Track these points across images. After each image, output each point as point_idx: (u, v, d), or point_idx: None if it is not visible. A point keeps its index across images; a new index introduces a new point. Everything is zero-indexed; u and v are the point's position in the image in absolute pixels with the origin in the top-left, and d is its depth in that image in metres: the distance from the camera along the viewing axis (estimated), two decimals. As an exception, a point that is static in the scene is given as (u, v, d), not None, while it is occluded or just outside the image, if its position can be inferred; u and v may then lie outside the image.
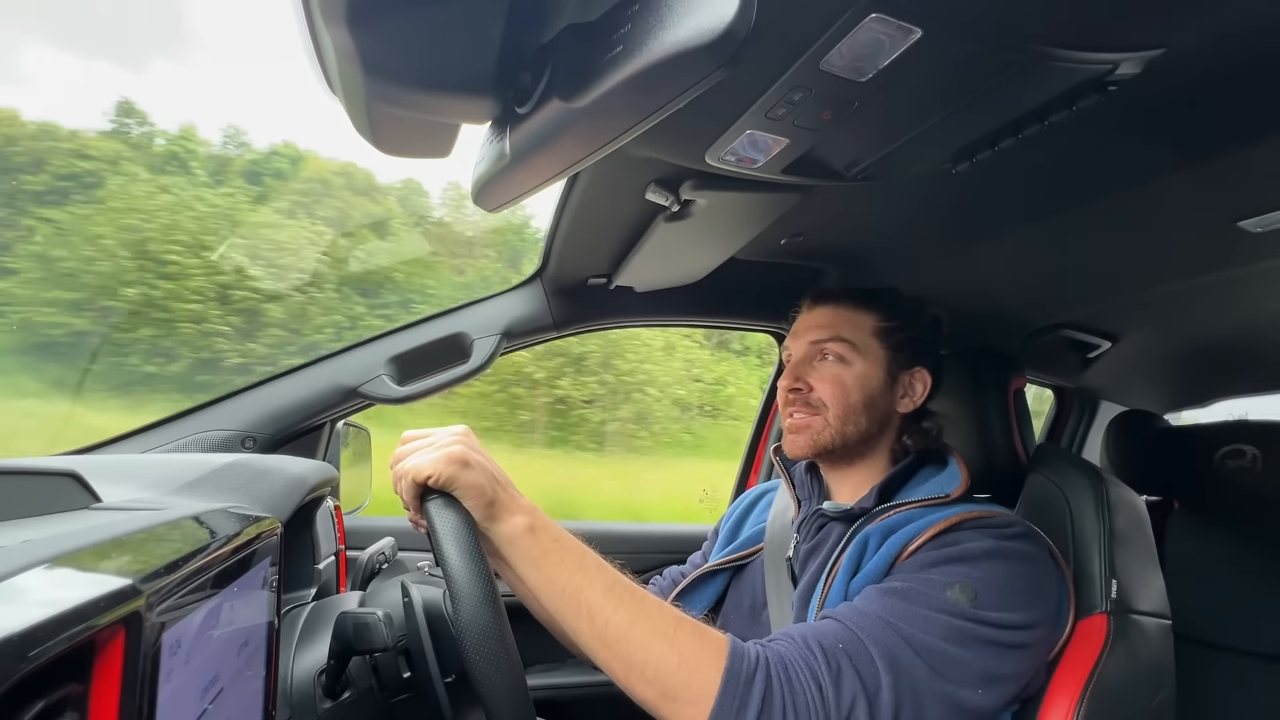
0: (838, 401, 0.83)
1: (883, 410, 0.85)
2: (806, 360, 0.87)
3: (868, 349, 0.85)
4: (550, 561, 0.61)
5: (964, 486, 0.79)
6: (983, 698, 0.62)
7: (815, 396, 0.85)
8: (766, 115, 0.61)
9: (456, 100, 0.44)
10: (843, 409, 0.83)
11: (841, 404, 0.83)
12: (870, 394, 0.84)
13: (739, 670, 0.57)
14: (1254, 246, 0.87)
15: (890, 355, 0.86)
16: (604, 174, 0.84)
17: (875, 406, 0.84)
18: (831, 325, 0.86)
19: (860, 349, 0.85)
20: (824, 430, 0.84)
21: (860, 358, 0.85)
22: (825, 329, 0.86)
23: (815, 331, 0.87)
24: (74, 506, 0.46)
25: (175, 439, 1.09)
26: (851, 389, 0.84)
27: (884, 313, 0.87)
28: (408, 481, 0.61)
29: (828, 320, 0.87)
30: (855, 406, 0.83)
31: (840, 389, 0.84)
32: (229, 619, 0.46)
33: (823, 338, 0.86)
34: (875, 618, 0.63)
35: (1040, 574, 0.71)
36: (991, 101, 0.59)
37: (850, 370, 0.84)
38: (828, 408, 0.84)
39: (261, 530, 0.53)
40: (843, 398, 0.83)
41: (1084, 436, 1.81)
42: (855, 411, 0.83)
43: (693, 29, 0.33)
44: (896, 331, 0.86)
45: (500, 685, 0.53)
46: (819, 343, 0.86)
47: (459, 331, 1.21)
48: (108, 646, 0.31)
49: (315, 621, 0.81)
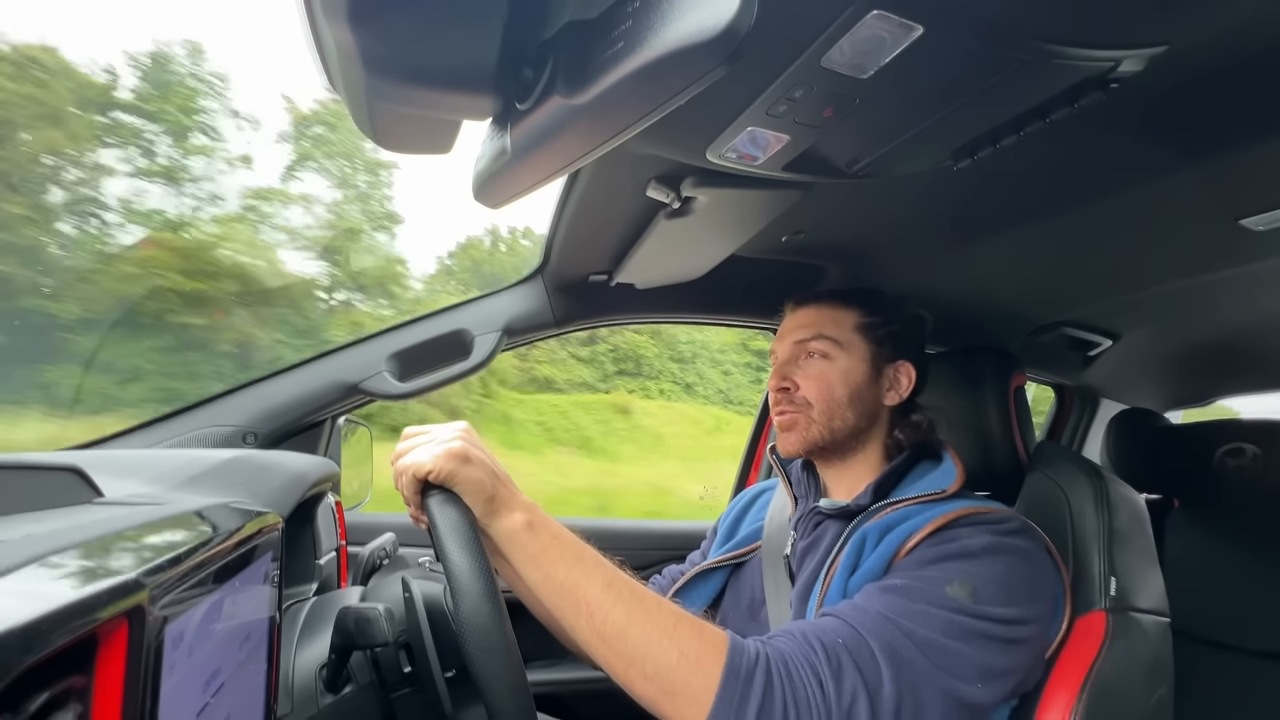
0: (823, 398, 0.85)
1: (870, 404, 0.86)
2: (792, 360, 0.89)
3: (851, 345, 0.86)
4: (549, 558, 0.61)
5: (959, 482, 0.79)
6: (982, 692, 0.62)
7: (801, 395, 0.86)
8: (767, 112, 0.61)
9: (457, 97, 0.44)
10: (828, 404, 0.85)
11: (827, 399, 0.85)
12: (855, 388, 0.85)
13: (739, 666, 0.57)
14: (1256, 244, 0.87)
15: (874, 349, 0.87)
16: (605, 171, 0.84)
17: (862, 400, 0.85)
18: (814, 324, 0.88)
19: (843, 345, 0.86)
20: (811, 426, 0.85)
21: (844, 353, 0.86)
22: (808, 328, 0.88)
23: (798, 331, 0.89)
24: (76, 501, 0.47)
25: (177, 434, 1.09)
26: (836, 384, 0.85)
27: (865, 309, 0.88)
28: (408, 477, 0.61)
29: (810, 320, 0.89)
30: (841, 401, 0.85)
31: (825, 385, 0.85)
32: (231, 613, 0.46)
33: (806, 337, 0.88)
34: (875, 614, 0.63)
35: (1037, 569, 0.71)
36: (993, 99, 0.59)
37: (834, 366, 0.86)
38: (813, 405, 0.85)
39: (263, 525, 0.53)
40: (828, 393, 0.85)
41: (1084, 434, 1.81)
42: (841, 406, 0.85)
43: (694, 25, 0.33)
44: (878, 326, 0.87)
45: (501, 680, 0.54)
46: (802, 342, 0.88)
47: (460, 328, 1.21)
48: (111, 640, 0.31)
49: (316, 616, 0.81)
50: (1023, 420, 0.99)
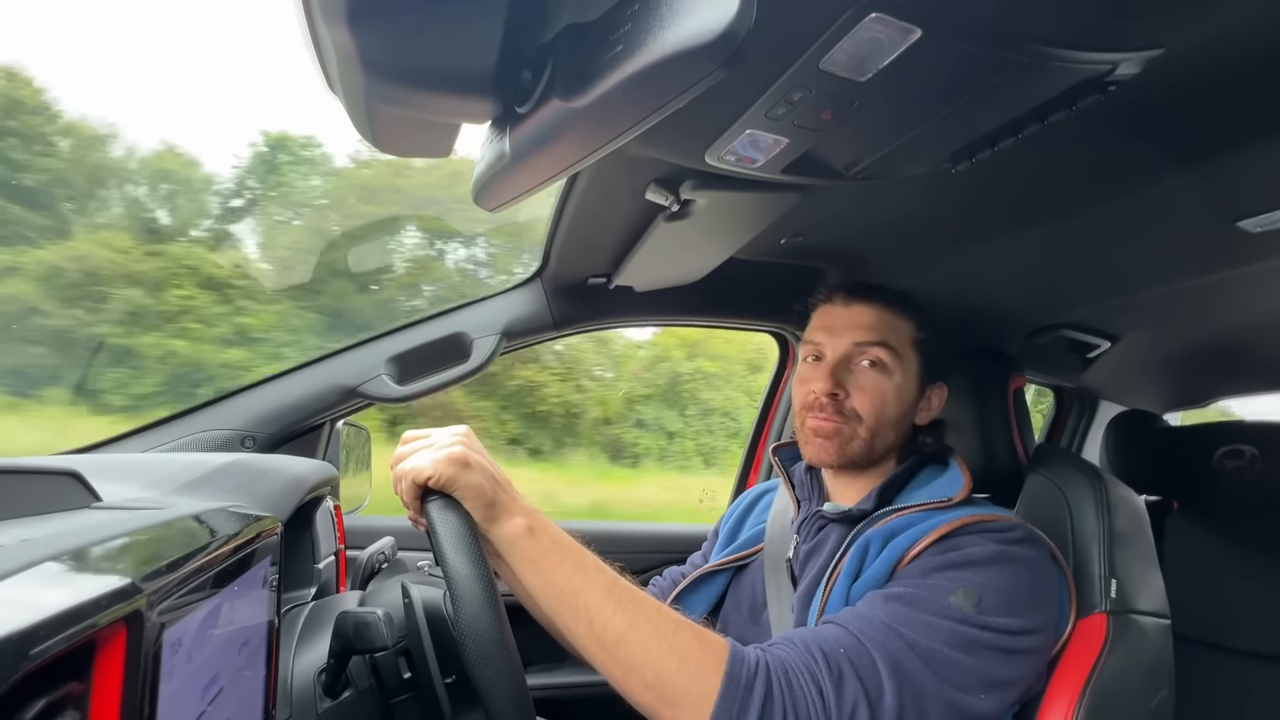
0: (874, 414, 0.79)
1: (907, 424, 0.83)
2: (845, 363, 0.81)
3: (907, 360, 0.81)
4: (549, 563, 0.61)
5: (966, 489, 0.78)
6: (985, 703, 0.62)
7: (850, 406, 0.79)
8: (766, 115, 0.61)
9: (456, 100, 0.45)
10: (877, 422, 0.79)
11: (877, 417, 0.79)
12: (904, 408, 0.81)
13: (739, 674, 0.57)
14: (1253, 246, 0.87)
15: (923, 369, 0.83)
16: (604, 174, 0.84)
17: (904, 420, 0.82)
18: (878, 328, 0.81)
19: (902, 359, 0.80)
20: (853, 441, 0.79)
21: (901, 369, 0.80)
22: (871, 331, 0.81)
23: (860, 332, 0.81)
24: (74, 506, 0.46)
25: (175, 438, 1.09)
26: (890, 401, 0.79)
27: (920, 321, 0.84)
28: (408, 482, 0.61)
29: (873, 321, 0.81)
30: (890, 420, 0.80)
31: (880, 401, 0.79)
32: (229, 618, 0.46)
33: (869, 340, 0.80)
34: (878, 623, 0.63)
35: (1043, 578, 0.70)
36: (991, 101, 0.59)
37: (891, 382, 0.80)
38: (862, 420, 0.79)
39: (261, 530, 0.53)
40: (880, 410, 0.79)
41: (1083, 436, 1.82)
42: (888, 425, 0.80)
43: (693, 28, 0.33)
44: (929, 343, 0.84)
45: (501, 686, 0.53)
46: (864, 345, 0.80)
47: (459, 331, 1.21)
48: (109, 645, 0.31)
49: (315, 621, 0.81)
50: (1022, 422, 0.99)
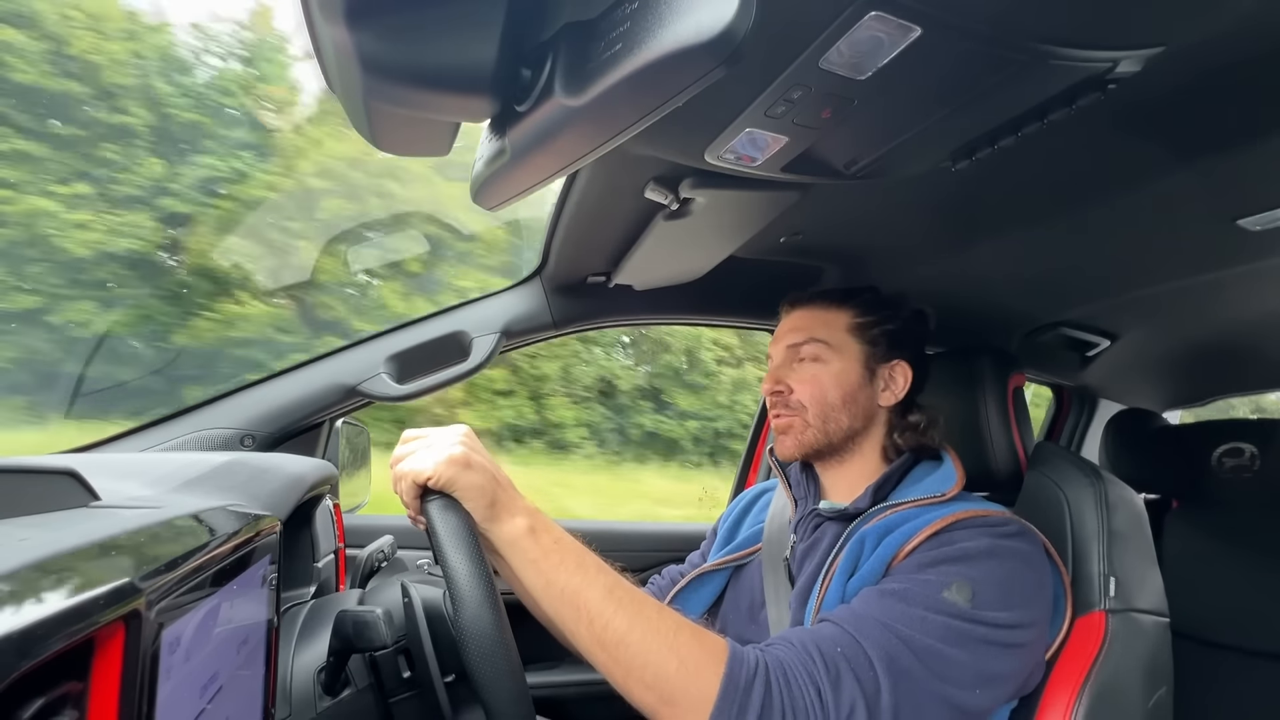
0: (816, 400, 0.85)
1: (864, 405, 0.86)
2: (786, 363, 0.89)
3: (843, 346, 0.86)
4: (550, 563, 0.61)
5: (959, 484, 0.79)
6: (980, 698, 0.62)
7: (795, 398, 0.86)
8: (766, 113, 0.61)
9: (455, 98, 0.44)
10: (821, 407, 0.85)
11: (820, 403, 0.85)
12: (848, 390, 0.85)
13: (738, 675, 0.57)
14: (1253, 245, 0.87)
15: (867, 350, 0.86)
16: (603, 172, 0.84)
17: (855, 402, 0.85)
18: (806, 327, 0.88)
19: (835, 347, 0.86)
20: (806, 430, 0.85)
21: (836, 355, 0.86)
22: (800, 331, 0.88)
23: (791, 335, 0.88)
24: (72, 504, 0.46)
25: (174, 437, 1.09)
26: (829, 387, 0.85)
27: (858, 309, 0.88)
28: (408, 483, 0.61)
29: (803, 323, 0.89)
30: (834, 404, 0.84)
31: (818, 388, 0.85)
32: (228, 617, 0.46)
33: (798, 341, 0.87)
34: (873, 621, 0.63)
35: (1037, 572, 0.71)
36: (991, 100, 0.59)
37: (827, 369, 0.85)
38: (807, 408, 0.85)
39: (260, 528, 0.53)
40: (820, 396, 0.85)
41: (1083, 435, 1.82)
42: (835, 409, 0.84)
43: (692, 27, 0.33)
44: (872, 326, 0.87)
45: (500, 686, 0.53)
46: (795, 346, 0.88)
47: (458, 330, 1.21)
48: (107, 644, 0.31)
49: (314, 619, 0.81)
50: (1021, 421, 1.00)
